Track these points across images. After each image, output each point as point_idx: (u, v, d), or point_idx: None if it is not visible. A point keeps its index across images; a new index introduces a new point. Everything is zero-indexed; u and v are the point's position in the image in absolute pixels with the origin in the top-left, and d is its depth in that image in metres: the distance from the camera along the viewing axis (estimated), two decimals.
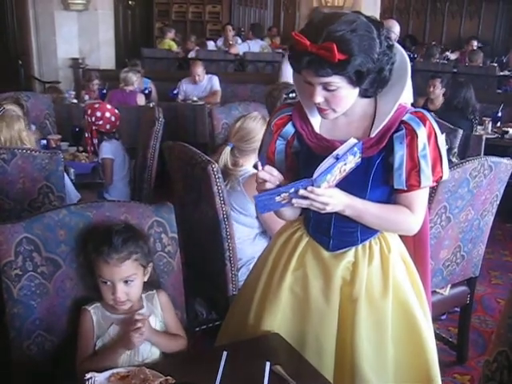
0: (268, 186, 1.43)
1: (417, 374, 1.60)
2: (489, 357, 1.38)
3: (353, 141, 1.41)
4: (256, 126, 2.48)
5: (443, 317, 3.07)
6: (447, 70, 7.06)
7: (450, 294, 2.53)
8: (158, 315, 1.62)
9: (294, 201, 1.40)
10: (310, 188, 1.36)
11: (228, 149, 2.48)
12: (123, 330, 1.51)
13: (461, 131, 3.51)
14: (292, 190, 1.38)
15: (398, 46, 1.46)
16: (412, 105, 4.24)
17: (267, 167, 1.45)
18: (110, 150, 3.54)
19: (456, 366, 2.72)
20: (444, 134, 1.50)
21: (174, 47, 8.75)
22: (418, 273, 1.66)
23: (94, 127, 3.52)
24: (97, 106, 3.59)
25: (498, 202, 2.48)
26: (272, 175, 1.43)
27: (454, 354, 2.77)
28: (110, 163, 3.54)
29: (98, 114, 3.51)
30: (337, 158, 1.37)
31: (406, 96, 4.18)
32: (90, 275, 1.56)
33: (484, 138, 4.11)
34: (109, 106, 3.62)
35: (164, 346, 1.59)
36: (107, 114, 3.53)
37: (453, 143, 3.43)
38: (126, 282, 1.53)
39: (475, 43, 9.39)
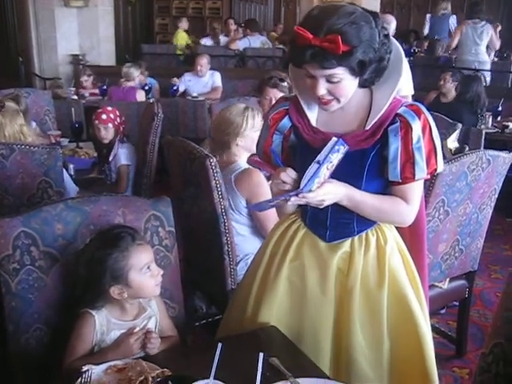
0: (286, 187, 1.46)
1: (413, 367, 1.60)
2: (485, 349, 1.38)
3: (332, 141, 1.43)
4: (229, 117, 2.45)
5: (442, 311, 3.08)
6: (448, 64, 7.04)
7: (448, 288, 2.53)
8: (156, 317, 1.63)
9: (292, 199, 1.42)
10: (301, 195, 1.40)
11: (206, 141, 2.52)
12: (127, 337, 1.50)
13: (460, 125, 3.52)
14: (283, 198, 1.42)
15: (391, 38, 1.46)
16: (416, 99, 4.25)
17: (289, 170, 1.48)
18: (127, 155, 3.37)
19: (455, 360, 2.73)
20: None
21: (185, 40, 8.63)
22: (415, 266, 1.66)
23: (122, 127, 3.37)
24: (110, 108, 3.41)
25: (497, 196, 2.48)
26: (292, 178, 1.46)
27: (453, 347, 2.78)
28: (126, 170, 3.36)
29: (118, 112, 3.36)
30: (319, 163, 1.40)
31: (408, 88, 4.21)
32: (97, 284, 1.51)
33: (484, 132, 4.11)
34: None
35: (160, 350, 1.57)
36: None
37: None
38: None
39: None
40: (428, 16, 8.69)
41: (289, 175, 1.46)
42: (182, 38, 8.66)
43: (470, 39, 6.36)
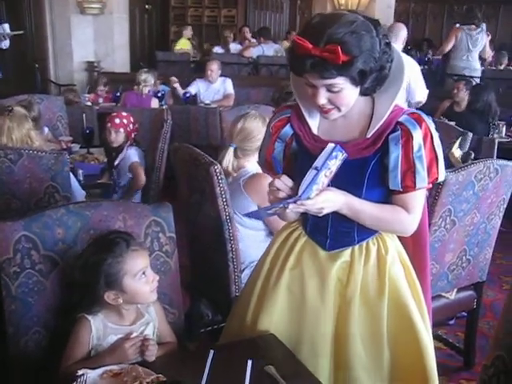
0: (281, 194, 1.45)
1: (413, 377, 1.58)
2: (487, 361, 1.36)
3: (329, 147, 1.42)
4: (257, 124, 2.47)
5: (451, 321, 3.04)
6: (441, 67, 7.02)
7: (455, 299, 2.49)
8: (154, 323, 1.62)
9: (291, 206, 1.41)
10: (299, 202, 1.39)
11: (231, 149, 2.47)
12: (122, 342, 1.50)
13: (470, 134, 3.48)
14: (281, 205, 1.41)
15: (393, 46, 1.46)
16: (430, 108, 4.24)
17: (284, 177, 1.47)
18: (136, 154, 3.40)
19: (463, 372, 2.69)
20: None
21: (187, 46, 8.77)
22: (418, 276, 1.64)
23: (133, 134, 3.40)
24: (125, 113, 3.45)
25: (506, 206, 2.45)
26: (287, 185, 1.45)
27: (461, 359, 2.74)
28: (139, 165, 3.37)
29: (132, 119, 3.40)
30: (317, 170, 1.39)
31: (422, 94, 4.28)
32: (92, 289, 1.52)
33: (497, 141, 4.06)
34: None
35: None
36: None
37: (462, 147, 3.39)
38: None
39: None
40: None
41: (283, 182, 1.45)
42: (183, 45, 8.77)
43: (463, 45, 6.26)
